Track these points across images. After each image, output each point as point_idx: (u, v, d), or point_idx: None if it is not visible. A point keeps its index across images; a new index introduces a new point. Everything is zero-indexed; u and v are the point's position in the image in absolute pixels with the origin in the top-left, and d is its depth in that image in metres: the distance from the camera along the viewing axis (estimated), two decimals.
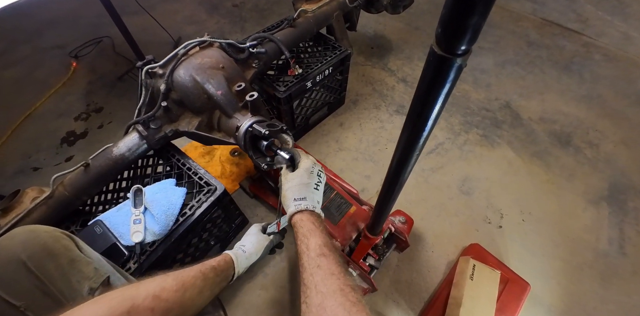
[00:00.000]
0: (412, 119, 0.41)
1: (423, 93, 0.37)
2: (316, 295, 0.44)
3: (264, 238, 0.80)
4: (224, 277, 0.63)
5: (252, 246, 0.77)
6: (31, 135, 1.38)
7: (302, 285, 0.47)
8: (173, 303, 0.48)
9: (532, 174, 1.23)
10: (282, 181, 0.64)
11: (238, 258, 0.69)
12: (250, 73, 0.86)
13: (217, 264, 0.63)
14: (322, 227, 0.56)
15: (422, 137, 0.44)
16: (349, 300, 0.43)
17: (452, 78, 0.33)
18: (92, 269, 0.53)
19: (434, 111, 0.38)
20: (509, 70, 1.58)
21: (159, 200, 0.77)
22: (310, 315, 0.43)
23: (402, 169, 0.53)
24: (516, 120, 1.40)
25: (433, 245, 1.07)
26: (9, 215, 0.69)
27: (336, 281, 0.45)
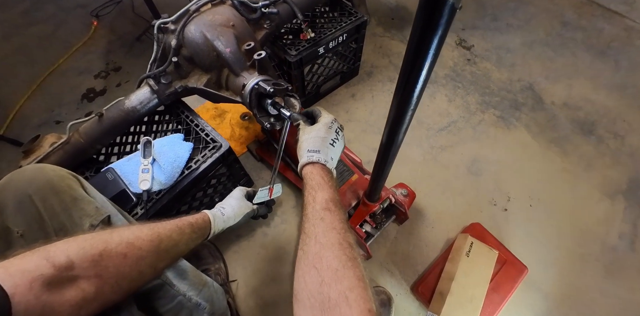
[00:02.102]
0: (405, 71, 0.41)
1: (415, 41, 0.35)
2: (315, 245, 0.44)
3: (246, 205, 0.81)
4: (200, 234, 0.66)
5: (231, 211, 0.78)
6: (54, 90, 1.45)
7: (302, 233, 0.48)
8: (147, 252, 0.49)
9: (547, 160, 1.20)
10: (300, 134, 0.63)
11: (215, 219, 0.72)
12: (261, 34, 0.86)
13: (194, 221, 0.65)
14: (332, 182, 0.55)
15: (416, 91, 0.43)
16: (346, 254, 0.43)
17: (445, 20, 0.31)
18: (94, 207, 0.55)
19: (427, 60, 0.36)
20: (537, 51, 1.49)
21: (167, 152, 0.81)
22: (306, 261, 0.43)
23: (398, 128, 0.53)
24: (538, 104, 1.34)
25: (434, 222, 1.08)
26: (29, 157, 0.75)
27: (336, 235, 0.45)
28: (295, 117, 0.66)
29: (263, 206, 0.91)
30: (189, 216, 0.66)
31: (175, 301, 0.69)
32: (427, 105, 1.34)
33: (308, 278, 0.41)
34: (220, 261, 1.00)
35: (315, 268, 0.41)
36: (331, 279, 0.40)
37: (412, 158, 1.21)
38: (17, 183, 0.50)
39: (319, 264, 0.42)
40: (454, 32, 1.56)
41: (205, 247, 1.00)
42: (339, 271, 0.41)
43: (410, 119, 0.51)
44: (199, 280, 0.77)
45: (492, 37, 1.55)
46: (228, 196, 0.82)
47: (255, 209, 0.82)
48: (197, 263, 0.96)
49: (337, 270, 0.41)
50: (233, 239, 1.06)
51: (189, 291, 0.72)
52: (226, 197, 0.83)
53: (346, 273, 0.41)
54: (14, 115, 1.37)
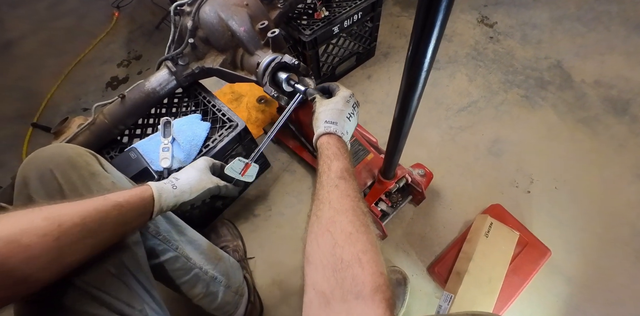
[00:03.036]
0: (416, 34, 0.40)
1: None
2: (329, 210, 0.44)
3: (208, 179, 0.66)
4: (134, 216, 0.51)
5: (186, 183, 0.62)
6: (81, 79, 1.52)
7: (315, 199, 0.48)
8: (40, 250, 0.38)
9: (575, 141, 1.14)
10: (317, 106, 0.62)
11: (162, 195, 0.56)
12: (274, 13, 0.86)
13: (125, 200, 0.49)
14: (347, 154, 0.55)
15: (427, 56, 0.42)
16: (359, 219, 0.43)
17: None
18: (110, 182, 0.57)
19: (437, 21, 0.36)
20: (567, 26, 1.40)
21: (185, 131, 0.83)
22: (319, 225, 0.43)
23: (410, 100, 0.52)
24: (566, 82, 1.27)
25: (452, 203, 1.07)
26: (59, 138, 0.80)
27: (350, 202, 0.46)
28: (311, 91, 0.66)
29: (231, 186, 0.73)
30: (121, 192, 0.50)
31: (192, 274, 0.72)
32: (446, 85, 1.30)
33: (321, 240, 0.42)
34: (239, 239, 1.03)
35: (328, 232, 0.42)
36: (344, 242, 0.40)
37: (430, 139, 1.18)
38: (39, 159, 0.53)
39: (333, 228, 0.42)
40: (475, 9, 1.49)
41: (224, 225, 1.04)
42: (352, 234, 0.41)
43: (422, 88, 0.50)
44: (214, 255, 0.81)
45: (517, 13, 1.47)
46: (188, 165, 0.66)
47: (221, 187, 0.66)
48: (216, 240, 1.00)
49: (350, 234, 0.41)
50: (250, 218, 1.09)
51: (205, 264, 0.76)
52: (187, 166, 0.66)
53: (360, 237, 0.41)
54: (46, 103, 1.45)
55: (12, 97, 1.50)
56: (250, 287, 0.92)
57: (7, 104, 1.47)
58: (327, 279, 0.38)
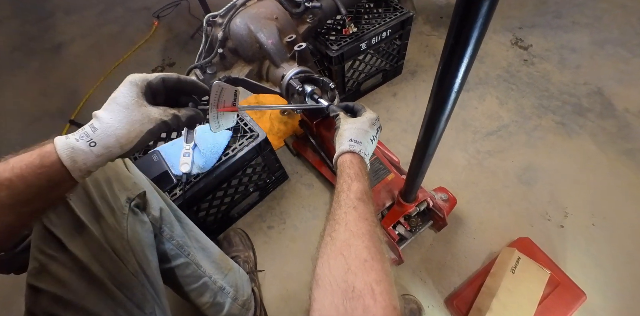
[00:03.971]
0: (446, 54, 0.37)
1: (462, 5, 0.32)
2: (345, 232, 0.43)
3: (145, 118, 0.41)
4: (39, 191, 0.38)
5: (111, 135, 0.39)
6: (118, 81, 1.57)
7: (331, 219, 0.46)
8: None
9: (617, 175, 1.06)
10: (341, 123, 0.61)
11: (77, 160, 0.38)
12: (303, 27, 0.87)
13: (14, 174, 0.36)
14: (368, 176, 0.54)
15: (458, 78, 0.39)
16: (375, 246, 0.42)
17: None
18: (132, 182, 0.58)
19: (476, 29, 0.33)
20: (610, 51, 1.33)
21: (207, 138, 0.85)
22: (333, 247, 0.42)
23: (436, 123, 0.49)
24: (607, 110, 1.19)
25: (476, 232, 1.00)
26: None
27: (367, 226, 0.44)
28: (334, 108, 0.66)
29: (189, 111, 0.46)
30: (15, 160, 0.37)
31: (201, 282, 0.72)
32: (475, 107, 1.25)
33: (333, 264, 0.40)
34: (250, 251, 1.02)
35: (342, 255, 0.40)
36: (358, 268, 0.38)
37: (456, 162, 1.13)
38: None
39: (347, 251, 0.40)
40: (509, 31, 1.46)
41: (238, 235, 1.03)
42: (367, 262, 0.39)
43: (450, 111, 0.48)
44: (225, 265, 0.80)
45: (555, 35, 1.42)
46: (110, 98, 0.41)
47: (169, 121, 0.43)
48: (228, 249, 0.99)
49: (365, 261, 0.39)
50: (264, 230, 1.08)
51: (215, 274, 0.75)
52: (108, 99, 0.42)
53: (374, 265, 0.39)
54: (84, 102, 1.54)
55: (57, 94, 1.61)
56: (258, 301, 0.90)
57: (52, 101, 1.58)
58: (336, 307, 0.36)
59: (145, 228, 0.58)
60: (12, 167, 0.36)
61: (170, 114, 0.43)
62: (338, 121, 0.62)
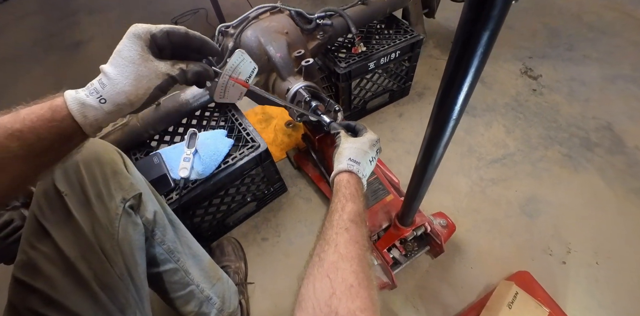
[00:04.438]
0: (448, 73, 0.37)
1: (462, 36, 0.32)
2: (334, 254, 0.42)
3: (153, 73, 0.40)
4: (50, 145, 0.38)
5: (121, 92, 0.39)
6: None
7: (321, 239, 0.45)
8: None
9: (625, 213, 1.02)
10: (341, 142, 0.61)
11: (88, 116, 0.38)
12: (313, 43, 0.89)
13: (25, 126, 0.36)
14: (363, 198, 0.54)
15: (462, 94, 0.39)
16: (364, 272, 0.41)
17: (498, 12, 0.28)
18: (129, 183, 0.58)
19: (476, 57, 0.33)
20: (620, 87, 1.33)
21: (208, 145, 0.85)
22: (320, 269, 0.41)
23: (434, 148, 0.49)
24: (616, 146, 1.17)
25: (474, 261, 0.97)
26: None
27: (358, 250, 0.43)
28: (335, 126, 0.66)
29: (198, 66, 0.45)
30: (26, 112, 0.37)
31: (188, 290, 0.71)
32: (482, 134, 1.25)
33: (319, 286, 0.38)
34: (242, 262, 1.00)
35: (328, 278, 0.39)
36: (343, 294, 0.37)
37: (458, 187, 1.12)
38: None
39: (334, 274, 0.39)
40: (519, 60, 1.47)
41: (231, 244, 1.02)
42: (353, 287, 0.38)
43: (449, 137, 0.47)
44: (214, 274, 0.79)
45: (565, 67, 1.42)
46: (115, 51, 0.41)
47: (176, 76, 0.42)
48: (220, 258, 0.98)
49: (351, 286, 0.38)
50: (258, 241, 1.06)
51: (202, 282, 0.73)
52: (112, 53, 0.41)
53: (360, 292, 0.38)
54: None
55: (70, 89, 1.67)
56: (244, 314, 0.88)
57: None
58: None
59: (137, 230, 0.58)
60: (23, 118, 0.36)
61: (177, 69, 0.42)
62: (338, 139, 0.62)
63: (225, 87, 0.48)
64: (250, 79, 0.50)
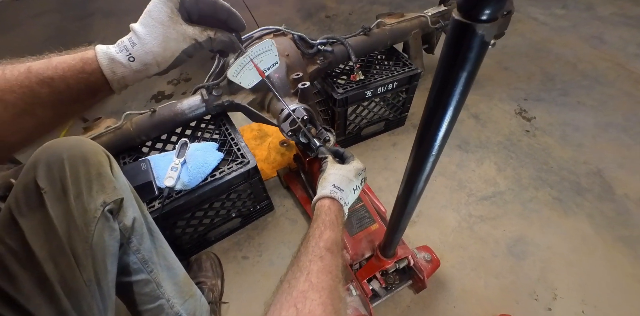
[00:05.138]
0: (428, 108, 0.38)
1: (441, 76, 0.33)
2: (304, 282, 0.41)
3: (181, 36, 0.43)
4: (77, 96, 0.40)
5: (148, 52, 0.42)
6: (133, 87, 1.66)
7: (294, 265, 0.44)
8: None
9: (613, 261, 1.00)
10: (327, 167, 0.61)
11: (116, 72, 0.40)
12: (312, 68, 0.92)
13: (58, 75, 0.37)
14: (342, 226, 0.54)
15: (440, 131, 0.39)
16: (333, 304, 0.39)
17: (474, 54, 0.29)
18: (112, 187, 0.57)
19: (454, 96, 0.33)
20: (612, 135, 1.35)
21: (198, 156, 0.86)
22: (289, 297, 0.39)
23: (416, 179, 0.49)
24: (606, 193, 1.17)
25: (457, 300, 0.94)
26: (86, 133, 0.86)
27: (330, 281, 0.42)
28: (324, 150, 0.67)
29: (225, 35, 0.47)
30: (57, 61, 0.38)
31: (157, 303, 0.67)
32: (473, 170, 1.25)
33: (284, 315, 0.37)
34: (219, 279, 0.97)
35: (295, 308, 0.38)
36: None
37: (446, 222, 1.10)
38: (57, 147, 0.55)
39: (301, 305, 0.38)
40: (515, 101, 1.51)
41: (210, 260, 0.99)
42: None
43: (428, 174, 0.47)
44: (188, 289, 0.75)
45: (559, 112, 1.46)
46: (145, 11, 0.43)
47: (203, 42, 0.44)
48: (196, 273, 0.95)
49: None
50: (238, 259, 1.04)
51: (174, 297, 0.70)
52: (143, 12, 0.43)
53: None
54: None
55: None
56: None
57: None
58: None
59: (112, 236, 0.56)
60: (55, 66, 0.37)
61: (205, 36, 0.44)
62: (325, 164, 0.63)
63: (242, 67, 0.50)
64: (269, 72, 0.52)
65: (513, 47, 1.82)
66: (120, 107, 1.59)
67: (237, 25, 0.48)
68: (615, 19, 2.01)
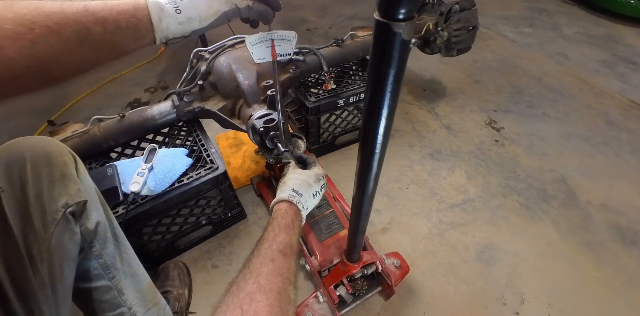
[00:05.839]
0: (366, 107, 0.40)
1: (372, 71, 0.35)
2: (253, 283, 0.41)
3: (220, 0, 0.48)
4: (124, 39, 0.42)
5: (194, 8, 0.47)
6: (110, 93, 1.69)
7: (245, 267, 0.44)
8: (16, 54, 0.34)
9: (577, 266, 1.03)
10: (289, 171, 0.62)
11: (162, 20, 0.44)
12: (285, 76, 0.95)
13: (111, 17, 0.40)
14: (299, 230, 0.54)
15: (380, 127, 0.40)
16: (281, 307, 0.39)
17: (397, 52, 0.31)
18: (76, 189, 0.56)
19: (386, 94, 0.35)
20: (575, 145, 1.42)
21: (165, 162, 0.85)
22: (235, 299, 0.39)
23: (366, 178, 0.50)
24: (570, 200, 1.22)
25: (427, 306, 0.94)
26: (53, 137, 0.84)
27: (280, 283, 0.42)
28: (287, 155, 0.68)
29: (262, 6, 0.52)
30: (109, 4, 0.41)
31: (117, 311, 0.65)
32: (444, 178, 1.28)
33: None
34: (187, 288, 0.94)
35: (241, 309, 0.37)
36: None
37: (417, 229, 1.12)
38: (21, 145, 0.54)
39: (247, 306, 0.38)
40: (485, 112, 1.57)
41: (177, 268, 0.97)
42: None
43: (377, 170, 0.49)
44: (151, 298, 0.73)
45: (526, 123, 1.52)
46: None
47: (239, 8, 0.49)
48: (163, 282, 0.92)
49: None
50: (208, 268, 1.01)
51: (136, 305, 0.68)
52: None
53: None
54: (69, 107, 1.60)
55: (46, 94, 1.68)
56: None
57: (38, 99, 1.64)
58: None
59: (72, 240, 0.55)
60: (110, 8, 0.40)
61: (245, 3, 0.50)
62: (286, 168, 0.64)
63: (262, 41, 0.53)
64: (281, 58, 0.55)
65: (484, 62, 1.91)
66: (94, 113, 1.57)
67: (274, 4, 0.53)
68: (578, 37, 2.15)
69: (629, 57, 1.96)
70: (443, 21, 1.29)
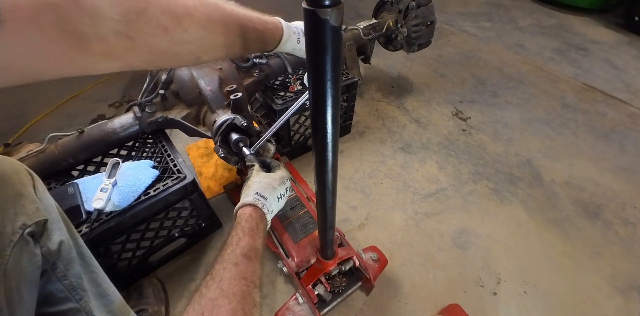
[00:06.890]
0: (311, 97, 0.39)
1: (310, 61, 0.34)
2: (215, 289, 0.40)
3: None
4: (258, 45, 0.55)
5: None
6: (71, 112, 1.61)
7: (208, 274, 0.44)
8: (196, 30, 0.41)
9: (546, 242, 1.09)
10: (252, 175, 0.62)
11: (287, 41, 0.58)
12: (249, 80, 0.94)
13: (265, 29, 0.53)
14: (264, 234, 0.53)
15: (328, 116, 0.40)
16: (244, 309, 0.39)
17: (330, 39, 0.31)
18: (35, 208, 0.53)
19: (327, 81, 0.35)
20: (536, 128, 1.50)
21: (129, 175, 0.82)
22: (197, 306, 0.39)
23: (323, 170, 0.50)
24: (536, 180, 1.28)
25: (408, 296, 0.96)
26: None
27: (243, 287, 0.42)
28: (251, 158, 0.67)
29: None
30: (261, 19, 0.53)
31: None
32: (416, 170, 1.32)
33: None
34: (163, 305, 0.91)
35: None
36: None
37: (394, 222, 1.14)
38: None
39: (209, 312, 0.37)
40: (451, 104, 1.63)
41: (152, 285, 0.93)
42: None
43: (333, 159, 0.48)
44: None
45: (490, 111, 1.59)
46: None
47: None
48: (137, 301, 0.89)
49: None
50: (185, 283, 0.98)
51: None
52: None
53: None
54: (27, 128, 1.51)
55: (4, 116, 1.58)
56: None
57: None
58: None
59: (32, 262, 0.51)
60: (264, 22, 0.53)
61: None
62: (250, 172, 0.63)
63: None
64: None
65: (447, 56, 1.98)
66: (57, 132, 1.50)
67: None
68: (533, 28, 2.27)
69: (580, 44, 2.09)
70: (402, 18, 1.33)
